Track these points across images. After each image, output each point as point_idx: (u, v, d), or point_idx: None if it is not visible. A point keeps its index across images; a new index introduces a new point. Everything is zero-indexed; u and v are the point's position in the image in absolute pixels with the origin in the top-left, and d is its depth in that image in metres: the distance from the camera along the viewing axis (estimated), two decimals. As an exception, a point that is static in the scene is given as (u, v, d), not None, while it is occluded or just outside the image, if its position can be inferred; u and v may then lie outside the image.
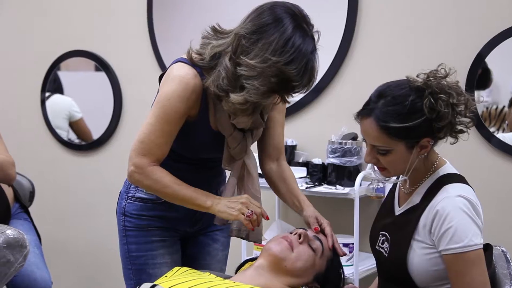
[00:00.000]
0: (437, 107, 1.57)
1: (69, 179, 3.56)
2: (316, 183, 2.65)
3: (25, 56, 3.64)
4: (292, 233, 1.76)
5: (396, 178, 1.72)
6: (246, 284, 1.59)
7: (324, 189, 2.59)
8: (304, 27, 1.64)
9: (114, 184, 2.42)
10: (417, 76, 1.63)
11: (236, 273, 1.79)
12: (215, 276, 1.67)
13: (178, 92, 1.71)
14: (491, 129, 2.48)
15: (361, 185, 2.51)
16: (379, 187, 2.54)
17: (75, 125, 3.54)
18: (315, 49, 1.65)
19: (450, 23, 2.54)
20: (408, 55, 2.62)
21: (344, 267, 2.51)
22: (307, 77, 1.64)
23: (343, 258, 2.54)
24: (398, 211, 1.72)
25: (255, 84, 1.62)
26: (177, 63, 1.77)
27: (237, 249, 2.66)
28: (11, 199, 2.62)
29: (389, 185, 1.91)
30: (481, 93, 2.47)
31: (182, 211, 1.89)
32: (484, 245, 1.59)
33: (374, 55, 2.70)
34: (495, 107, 2.48)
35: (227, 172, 1.99)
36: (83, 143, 3.51)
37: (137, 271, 1.90)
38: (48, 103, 3.56)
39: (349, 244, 2.55)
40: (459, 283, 1.55)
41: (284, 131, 1.99)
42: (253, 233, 1.84)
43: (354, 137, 2.59)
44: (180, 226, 1.94)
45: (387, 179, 1.73)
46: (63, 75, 3.56)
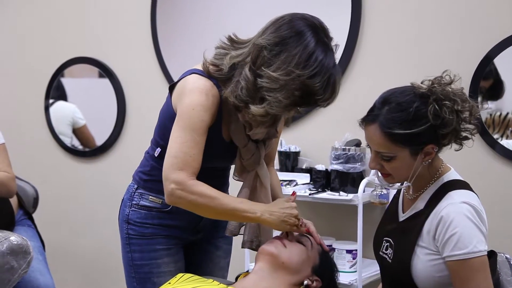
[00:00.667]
0: (441, 114, 1.57)
1: (72, 185, 3.56)
2: (319, 190, 2.65)
3: (29, 63, 3.65)
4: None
5: (400, 184, 1.72)
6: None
7: (327, 195, 2.59)
8: (325, 41, 1.64)
9: (117, 190, 2.42)
10: (422, 82, 1.63)
11: (236, 281, 1.79)
12: (218, 283, 1.67)
13: (200, 101, 1.69)
14: (495, 136, 2.47)
15: (364, 192, 2.51)
16: (383, 193, 2.54)
17: (79, 132, 3.55)
18: (336, 63, 1.65)
19: (454, 29, 2.55)
20: (412, 61, 2.62)
21: (347, 273, 2.54)
22: (330, 91, 1.63)
23: (347, 265, 2.55)
24: (402, 217, 1.72)
25: (278, 97, 1.60)
26: (191, 75, 1.74)
27: (241, 256, 2.65)
28: (15, 206, 2.62)
29: (392, 192, 1.90)
30: (496, 104, 2.47)
31: (185, 220, 1.89)
32: (488, 252, 1.58)
33: (378, 61, 2.70)
34: (498, 113, 2.48)
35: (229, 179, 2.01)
36: (87, 149, 3.52)
37: (142, 279, 1.89)
38: (52, 110, 3.58)
39: (352, 250, 2.55)
40: (463, 289, 1.55)
41: (279, 140, 2.02)
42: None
43: (357, 144, 2.59)
44: (183, 234, 1.93)
45: (391, 185, 1.73)
46: (67, 82, 3.57)
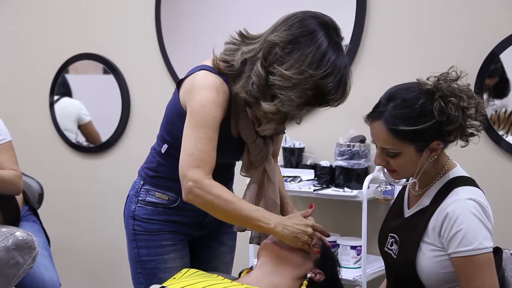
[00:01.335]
0: (447, 110, 1.56)
1: (77, 181, 3.57)
2: (324, 186, 2.65)
3: (33, 59, 3.66)
4: None
5: (405, 180, 1.72)
6: (254, 286, 1.59)
7: (332, 191, 2.59)
8: (337, 41, 1.64)
9: (122, 186, 2.43)
10: (428, 79, 1.63)
11: (239, 276, 1.79)
12: (223, 278, 1.67)
13: (211, 97, 1.68)
14: (500, 132, 2.47)
15: (369, 188, 2.51)
16: (387, 189, 2.54)
17: (84, 128, 3.56)
18: (347, 64, 1.66)
19: (460, 25, 2.54)
20: (418, 57, 2.61)
21: (352, 269, 2.54)
22: (341, 92, 1.64)
23: (351, 261, 2.55)
24: (407, 213, 1.72)
25: (291, 95, 1.60)
26: (200, 71, 1.74)
27: (245, 252, 2.66)
28: (20, 202, 2.64)
29: (397, 188, 1.91)
30: (501, 101, 2.47)
31: (191, 216, 1.89)
32: (493, 248, 1.58)
33: (383, 57, 2.70)
34: (504, 110, 2.47)
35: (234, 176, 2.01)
36: (92, 145, 3.52)
37: (148, 275, 1.89)
38: (57, 106, 3.58)
39: (357, 246, 2.55)
40: (468, 286, 1.55)
41: (283, 135, 2.03)
42: None
43: (362, 140, 2.59)
44: (188, 230, 1.93)
45: (397, 181, 1.73)
46: (72, 78, 3.57)
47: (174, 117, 1.80)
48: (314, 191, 2.60)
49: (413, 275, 1.63)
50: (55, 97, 3.58)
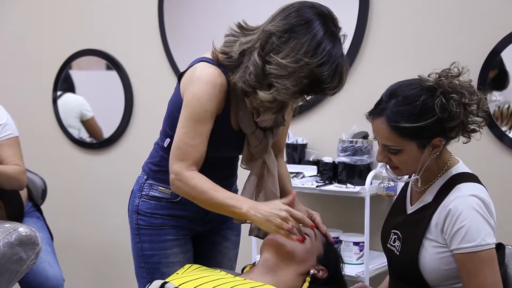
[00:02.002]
0: (448, 107, 1.56)
1: (80, 177, 3.57)
2: (326, 182, 2.65)
3: (36, 55, 3.66)
4: None
5: (408, 177, 1.72)
6: (257, 281, 1.59)
7: (334, 187, 2.59)
8: (334, 30, 1.65)
9: (125, 182, 2.43)
10: (429, 75, 1.62)
11: (242, 272, 1.80)
12: (226, 273, 1.68)
13: (206, 91, 1.71)
14: (503, 128, 2.47)
15: (371, 184, 2.51)
16: (390, 185, 2.53)
17: (87, 124, 3.56)
18: (343, 53, 1.67)
19: (462, 21, 2.53)
20: (420, 53, 2.61)
21: (354, 265, 2.54)
22: (337, 80, 1.65)
23: (354, 257, 2.56)
24: (410, 209, 1.72)
25: (286, 84, 1.61)
26: (200, 62, 1.76)
27: (248, 248, 2.66)
28: (24, 198, 2.65)
29: (400, 184, 1.90)
30: (498, 94, 2.47)
31: (194, 211, 1.89)
32: (496, 244, 1.58)
33: (385, 53, 2.69)
34: (507, 106, 2.47)
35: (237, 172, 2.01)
36: (95, 141, 3.53)
37: (150, 269, 1.90)
38: (60, 102, 3.59)
39: (359, 242, 2.55)
40: (471, 282, 1.55)
41: (287, 131, 2.03)
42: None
43: (365, 136, 2.59)
44: (191, 225, 1.94)
45: (399, 178, 1.73)
46: (75, 74, 3.58)
47: (175, 111, 1.81)
48: (316, 187, 2.60)
49: (416, 272, 1.63)
50: (58, 93, 3.59)
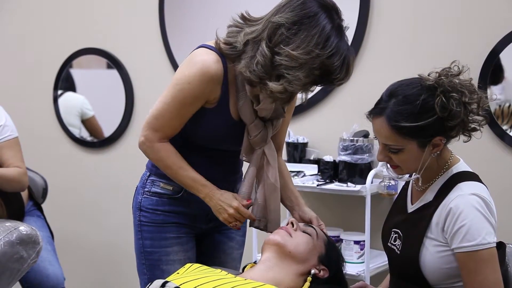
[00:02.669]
0: (449, 106, 1.56)
1: (81, 176, 3.58)
2: (327, 181, 2.65)
3: (37, 54, 3.66)
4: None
5: (408, 176, 1.72)
6: (257, 281, 1.59)
7: (335, 186, 2.59)
8: (340, 24, 1.68)
9: (125, 181, 2.44)
10: (429, 74, 1.62)
11: (243, 271, 1.80)
12: (226, 273, 1.67)
13: (198, 76, 1.73)
14: (504, 127, 2.46)
15: (372, 183, 2.51)
16: (391, 184, 2.53)
17: (88, 123, 3.56)
18: (349, 45, 1.71)
19: (463, 20, 2.53)
20: (420, 53, 2.61)
21: (355, 264, 2.54)
22: (345, 71, 1.68)
23: (354, 256, 2.56)
24: (410, 208, 1.72)
25: (298, 75, 1.64)
26: (200, 48, 1.79)
27: (248, 247, 2.66)
28: (25, 197, 2.65)
29: (401, 183, 1.90)
30: (492, 89, 2.46)
31: (196, 207, 1.90)
32: (497, 243, 1.58)
33: (386, 52, 2.69)
34: (507, 105, 2.47)
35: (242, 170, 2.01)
36: (95, 140, 3.53)
37: (151, 266, 1.91)
38: (60, 101, 3.59)
39: (360, 241, 2.56)
40: (471, 281, 1.55)
41: (287, 129, 2.04)
42: (272, 224, 1.87)
43: (365, 135, 2.59)
44: (194, 222, 1.95)
45: (400, 177, 1.73)
46: (76, 73, 3.58)
47: None
48: (317, 186, 2.60)
49: (417, 271, 1.63)
50: (59, 92, 3.59)
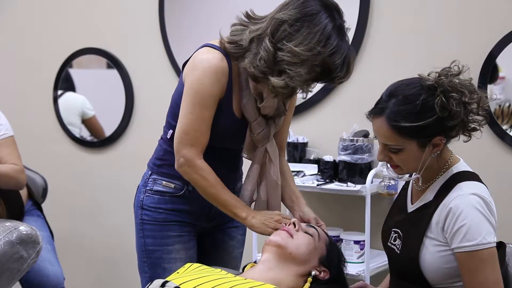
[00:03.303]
0: (448, 106, 1.56)
1: (81, 175, 3.57)
2: (327, 180, 2.65)
3: (37, 54, 3.66)
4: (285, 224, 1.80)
5: (409, 175, 1.72)
6: (257, 280, 1.59)
7: (335, 186, 2.59)
8: (341, 23, 1.70)
9: (126, 180, 2.44)
10: (429, 74, 1.62)
11: (243, 271, 1.80)
12: (226, 272, 1.67)
13: (208, 74, 1.75)
14: (504, 127, 2.47)
15: (372, 183, 2.51)
16: (391, 184, 2.54)
17: (88, 123, 3.56)
18: (349, 44, 1.72)
19: (463, 20, 2.53)
20: (420, 52, 2.61)
21: (355, 264, 2.54)
22: (345, 70, 1.70)
23: (354, 255, 2.56)
24: (410, 208, 1.72)
25: (300, 71, 1.66)
26: (202, 48, 1.81)
27: (248, 247, 2.66)
28: (25, 197, 2.65)
29: (401, 183, 1.90)
30: (505, 95, 2.47)
31: (198, 205, 1.91)
32: (497, 243, 1.58)
33: (386, 52, 2.69)
34: (507, 104, 2.47)
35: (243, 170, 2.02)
36: (96, 140, 3.53)
37: (152, 264, 1.92)
38: (61, 101, 3.58)
39: (360, 241, 2.56)
40: (471, 281, 1.55)
41: (288, 129, 2.05)
42: None
43: (365, 135, 2.59)
44: (196, 221, 1.95)
45: (400, 176, 1.73)
46: (75, 73, 3.58)
47: (179, 100, 1.83)
48: (317, 186, 2.60)
49: (417, 270, 1.63)
50: (59, 92, 3.58)
